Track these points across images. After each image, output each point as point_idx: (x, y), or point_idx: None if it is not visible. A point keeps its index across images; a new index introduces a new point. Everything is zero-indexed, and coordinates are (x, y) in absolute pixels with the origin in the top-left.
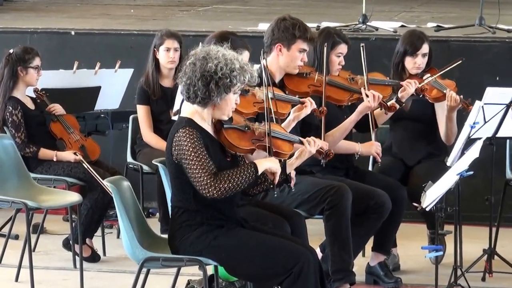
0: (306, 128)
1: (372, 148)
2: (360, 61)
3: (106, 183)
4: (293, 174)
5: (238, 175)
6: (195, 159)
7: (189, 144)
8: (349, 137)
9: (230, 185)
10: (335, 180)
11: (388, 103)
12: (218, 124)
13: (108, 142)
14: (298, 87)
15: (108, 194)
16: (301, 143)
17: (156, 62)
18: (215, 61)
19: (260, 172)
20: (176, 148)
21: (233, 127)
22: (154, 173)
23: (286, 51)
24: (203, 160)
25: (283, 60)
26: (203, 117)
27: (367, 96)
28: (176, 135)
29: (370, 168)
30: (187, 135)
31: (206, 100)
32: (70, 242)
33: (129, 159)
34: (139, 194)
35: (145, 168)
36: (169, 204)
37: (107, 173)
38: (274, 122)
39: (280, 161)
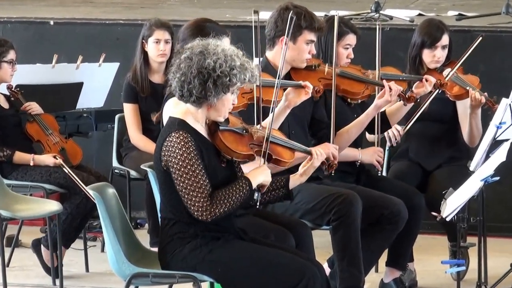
0: (316, 126)
1: (374, 156)
2: (372, 55)
3: (89, 190)
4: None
5: (233, 195)
6: (189, 174)
7: (184, 155)
8: (359, 140)
9: (226, 208)
10: (344, 187)
11: (407, 94)
12: (213, 126)
13: (91, 144)
14: (307, 80)
15: (91, 201)
16: (307, 153)
17: (145, 55)
18: (213, 57)
19: (254, 187)
20: (166, 154)
21: (230, 129)
22: (143, 179)
23: (291, 44)
24: (198, 178)
25: (289, 53)
26: (196, 118)
27: (389, 89)
28: (167, 139)
29: (384, 173)
30: (181, 142)
31: (202, 100)
32: (42, 245)
33: (115, 163)
34: (126, 202)
35: (133, 173)
36: (160, 214)
37: (90, 179)
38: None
39: (281, 178)
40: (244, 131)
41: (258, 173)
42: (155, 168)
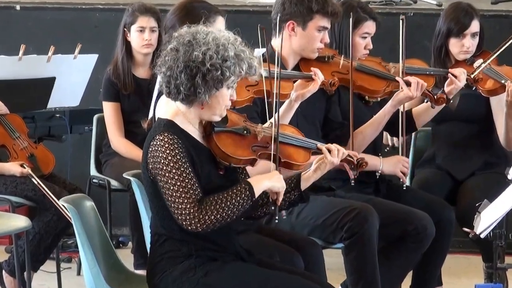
0: (328, 126)
1: (398, 166)
2: (393, 45)
3: (62, 204)
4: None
5: (228, 202)
6: (175, 178)
7: (168, 158)
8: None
9: (219, 216)
10: (360, 199)
11: (436, 95)
12: (208, 127)
13: (65, 150)
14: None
15: (64, 218)
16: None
17: (127, 46)
18: (203, 47)
19: (257, 194)
20: (151, 161)
21: (227, 130)
22: (126, 190)
23: (301, 30)
24: (186, 182)
25: (298, 41)
26: (188, 118)
27: (407, 84)
28: (152, 143)
29: (407, 183)
30: (166, 144)
31: (192, 98)
32: (3, 270)
33: (93, 172)
34: (106, 217)
35: (114, 183)
36: (146, 231)
37: (64, 191)
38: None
39: (290, 179)
40: (245, 131)
41: (263, 177)
42: (143, 178)
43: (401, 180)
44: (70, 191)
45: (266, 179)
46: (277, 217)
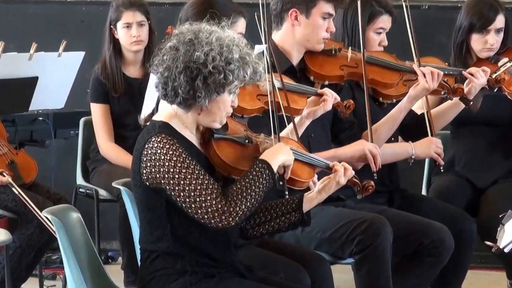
0: (337, 126)
1: (431, 146)
2: (407, 42)
3: (46, 215)
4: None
5: (254, 186)
6: (188, 177)
7: (173, 158)
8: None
9: (249, 203)
10: (372, 210)
11: (453, 85)
12: (207, 133)
13: (49, 156)
14: (326, 69)
15: (48, 231)
16: (329, 168)
17: (116, 43)
18: (205, 47)
19: (275, 170)
20: (149, 165)
21: (227, 138)
22: (116, 200)
23: (304, 18)
24: (201, 178)
25: (302, 32)
26: (184, 123)
27: (423, 76)
28: (146, 146)
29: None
30: (166, 145)
31: (190, 102)
32: None
33: (80, 180)
34: (94, 230)
35: (103, 193)
36: (137, 245)
37: (47, 201)
38: (287, 123)
39: (291, 198)
40: (247, 140)
41: (275, 152)
42: (134, 186)
43: (438, 162)
44: (55, 202)
45: (279, 153)
46: (286, 193)
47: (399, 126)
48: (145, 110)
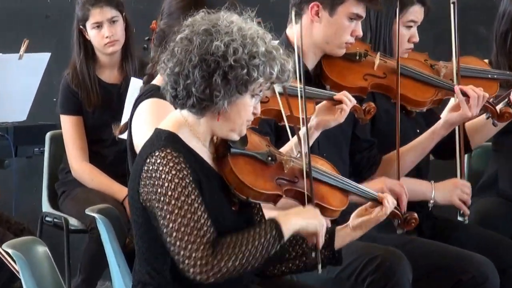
0: (354, 145)
1: (455, 192)
2: (440, 36)
3: (6, 250)
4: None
5: (250, 245)
6: (184, 208)
7: (175, 180)
8: (423, 169)
9: (238, 263)
10: (397, 240)
11: (498, 107)
12: (222, 147)
13: (8, 178)
14: (347, 78)
15: (9, 269)
16: (373, 200)
17: (87, 45)
18: (225, 37)
19: (287, 236)
20: (147, 184)
21: (247, 154)
22: (88, 231)
23: (327, 15)
24: (198, 215)
25: (322, 30)
26: (196, 133)
27: (464, 95)
28: (148, 161)
29: (460, 218)
30: (170, 163)
31: (205, 104)
32: None
33: (46, 207)
34: (63, 266)
35: (74, 222)
36: (116, 283)
37: (7, 233)
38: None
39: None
40: (270, 158)
41: (293, 213)
42: (131, 205)
43: (461, 211)
44: (16, 233)
45: (298, 216)
46: (319, 266)
47: None
48: (123, 121)
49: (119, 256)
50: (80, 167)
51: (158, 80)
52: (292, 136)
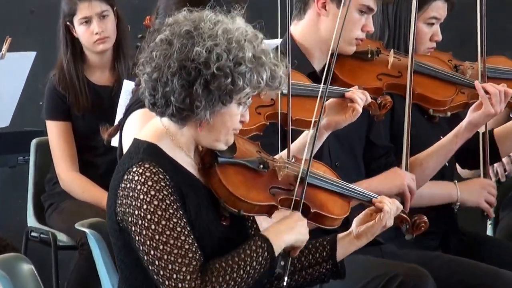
0: (369, 151)
1: (481, 194)
2: (464, 34)
3: None
4: None
5: (242, 270)
6: (165, 233)
7: (154, 202)
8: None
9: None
10: (420, 257)
11: None
12: (208, 157)
13: None
14: (359, 78)
15: None
16: (371, 203)
17: (75, 43)
18: (208, 42)
19: (277, 253)
20: (124, 203)
21: (236, 163)
22: (78, 247)
23: (334, 8)
24: (182, 239)
25: (329, 25)
26: (178, 143)
27: (486, 93)
28: (125, 177)
29: (489, 232)
30: (148, 182)
31: (186, 113)
32: None
33: (32, 221)
34: (50, 286)
35: (62, 238)
36: None
37: None
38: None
39: (321, 242)
40: (261, 165)
41: (285, 228)
42: (109, 226)
43: (486, 213)
44: (1, 249)
45: (288, 232)
46: (285, 279)
47: None
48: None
49: (112, 275)
50: (69, 177)
51: None
52: (291, 139)
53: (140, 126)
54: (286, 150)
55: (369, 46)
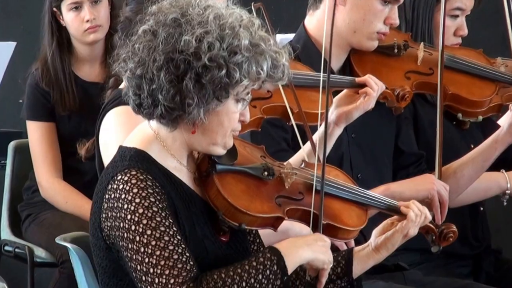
0: (397, 159)
1: None
2: (496, 31)
3: None
4: None
5: (245, 283)
6: (151, 244)
7: (139, 211)
8: None
9: None
10: (449, 285)
11: None
12: (205, 164)
13: None
14: (384, 78)
15: None
16: (396, 212)
17: (62, 33)
18: (198, 29)
19: (291, 270)
20: (109, 216)
21: (237, 170)
22: (58, 264)
23: None
24: (170, 250)
25: (348, 17)
26: (169, 149)
27: None
28: (109, 187)
29: None
30: (134, 189)
31: (176, 114)
32: None
33: (6, 234)
34: None
35: (41, 253)
36: None
37: None
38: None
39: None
40: (266, 172)
41: (298, 242)
42: (92, 245)
43: None
44: None
45: (304, 247)
46: None
47: None
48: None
49: None
50: (52, 185)
51: None
52: (304, 138)
53: (118, 126)
54: (295, 156)
55: (395, 39)
